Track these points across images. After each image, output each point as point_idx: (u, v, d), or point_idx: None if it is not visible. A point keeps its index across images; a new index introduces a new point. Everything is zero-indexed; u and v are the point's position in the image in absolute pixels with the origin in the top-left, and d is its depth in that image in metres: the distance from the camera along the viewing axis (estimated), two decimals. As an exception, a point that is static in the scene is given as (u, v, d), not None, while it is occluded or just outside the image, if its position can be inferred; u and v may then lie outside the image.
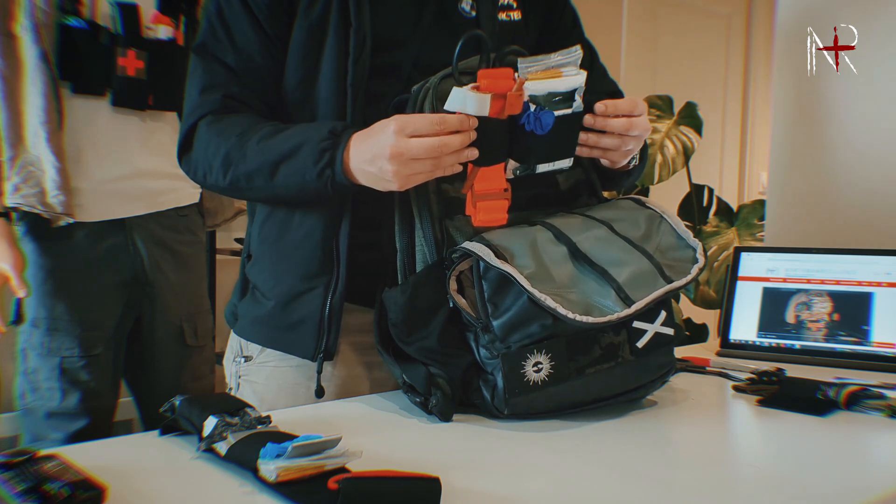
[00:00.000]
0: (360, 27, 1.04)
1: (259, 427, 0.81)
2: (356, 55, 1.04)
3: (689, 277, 0.99)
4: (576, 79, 0.95)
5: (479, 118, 0.92)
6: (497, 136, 0.95)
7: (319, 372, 1.08)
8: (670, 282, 0.97)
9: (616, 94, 1.26)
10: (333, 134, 0.98)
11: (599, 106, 0.99)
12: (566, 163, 1.02)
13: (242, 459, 0.75)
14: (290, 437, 0.76)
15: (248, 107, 1.08)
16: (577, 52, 0.96)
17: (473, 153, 0.93)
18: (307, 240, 1.08)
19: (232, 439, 0.78)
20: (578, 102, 0.97)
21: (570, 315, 0.90)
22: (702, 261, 1.00)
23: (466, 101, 0.90)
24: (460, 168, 0.95)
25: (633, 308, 0.93)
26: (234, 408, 0.83)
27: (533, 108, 0.94)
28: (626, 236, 1.01)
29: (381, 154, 0.92)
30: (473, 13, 1.12)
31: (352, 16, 1.04)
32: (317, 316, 1.07)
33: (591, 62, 1.25)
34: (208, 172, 1.06)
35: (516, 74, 0.93)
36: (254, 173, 1.02)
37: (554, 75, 0.94)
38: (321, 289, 1.07)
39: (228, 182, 1.04)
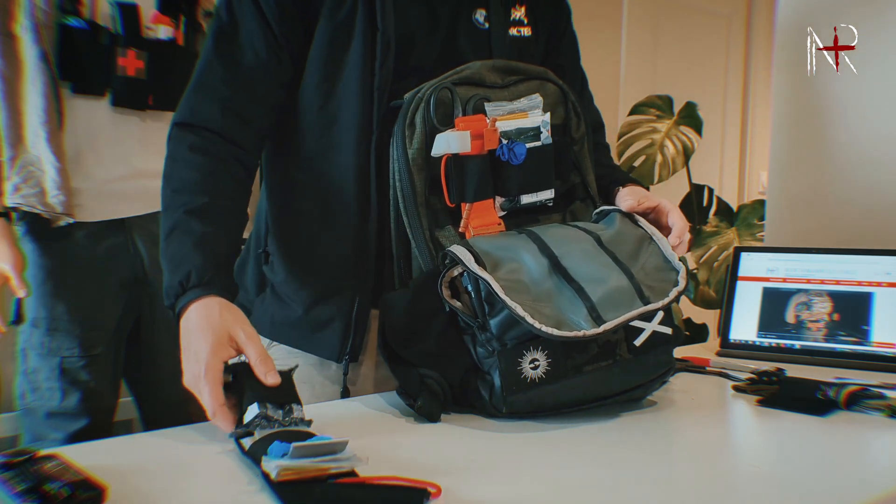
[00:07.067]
0: (386, 31, 1.06)
1: (296, 427, 0.81)
2: (382, 58, 1.06)
3: (667, 300, 0.98)
4: (541, 117, 1.08)
5: (465, 156, 1.03)
6: (481, 171, 1.04)
7: (346, 374, 1.09)
8: (647, 303, 0.96)
9: (598, 125, 1.30)
10: (182, 286, 0.95)
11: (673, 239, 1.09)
12: (548, 194, 1.09)
13: (256, 458, 0.75)
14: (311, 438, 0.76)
15: (221, 138, 1.07)
16: (537, 98, 1.09)
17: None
18: (337, 246, 1.09)
19: (257, 436, 0.78)
20: (546, 135, 1.08)
21: (538, 325, 0.90)
22: (682, 284, 1.00)
23: (450, 142, 1.02)
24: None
25: (602, 328, 0.92)
26: (282, 399, 0.83)
27: (506, 142, 1.05)
28: (612, 251, 1.01)
29: (197, 362, 0.88)
30: (486, 25, 1.14)
31: (378, 19, 1.05)
32: (345, 318, 1.08)
33: (581, 89, 1.29)
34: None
35: (487, 119, 1.04)
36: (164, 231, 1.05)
37: (520, 117, 1.06)
38: (351, 291, 1.08)
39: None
